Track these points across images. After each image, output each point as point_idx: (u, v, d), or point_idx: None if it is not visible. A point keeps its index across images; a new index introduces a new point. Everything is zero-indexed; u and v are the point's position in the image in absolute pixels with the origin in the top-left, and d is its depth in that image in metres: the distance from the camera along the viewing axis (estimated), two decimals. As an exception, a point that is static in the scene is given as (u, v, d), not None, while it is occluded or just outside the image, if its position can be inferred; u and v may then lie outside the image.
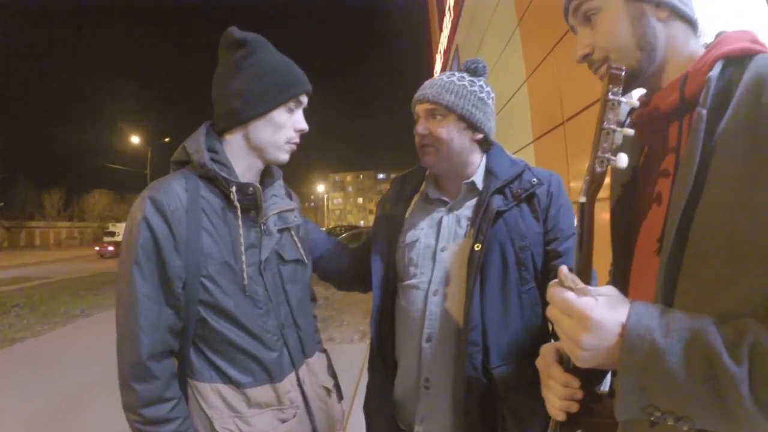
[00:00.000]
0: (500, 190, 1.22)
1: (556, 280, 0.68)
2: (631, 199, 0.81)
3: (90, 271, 19.34)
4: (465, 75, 1.28)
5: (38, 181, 59.66)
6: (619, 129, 0.66)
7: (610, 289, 0.65)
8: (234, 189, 1.06)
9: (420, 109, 1.27)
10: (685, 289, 0.64)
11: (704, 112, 0.63)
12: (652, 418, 0.59)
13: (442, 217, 1.28)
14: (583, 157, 3.46)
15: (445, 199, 1.31)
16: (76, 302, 10.04)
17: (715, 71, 0.65)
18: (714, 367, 0.53)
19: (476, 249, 1.16)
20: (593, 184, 0.69)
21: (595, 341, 0.60)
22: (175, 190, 1.02)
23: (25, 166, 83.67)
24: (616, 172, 0.82)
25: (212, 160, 1.07)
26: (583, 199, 0.70)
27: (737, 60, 0.66)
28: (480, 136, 1.27)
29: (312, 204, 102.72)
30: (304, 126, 1.17)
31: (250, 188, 1.09)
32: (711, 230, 0.61)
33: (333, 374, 1.33)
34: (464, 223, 1.26)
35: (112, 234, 55.28)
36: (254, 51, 1.12)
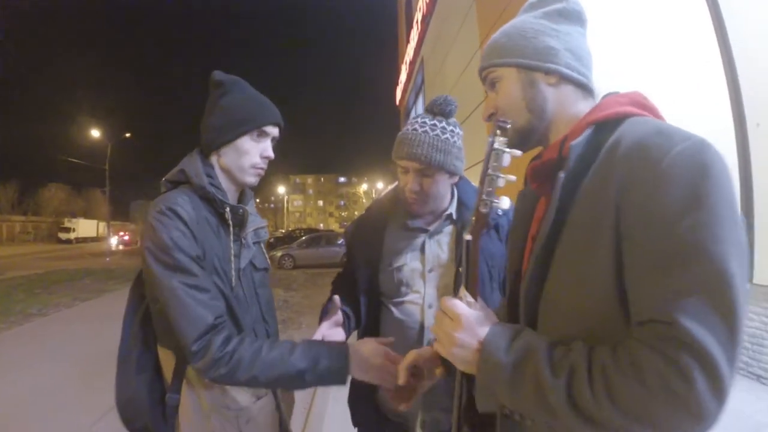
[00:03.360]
0: (483, 226, 1.44)
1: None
2: (525, 233, 0.93)
3: (44, 268, 18.69)
4: (443, 121, 1.39)
5: (-8, 174, 57.12)
6: (502, 176, 0.77)
7: (485, 308, 0.81)
8: (228, 209, 1.27)
9: (410, 166, 1.37)
10: (545, 311, 0.78)
11: (562, 176, 0.74)
12: (506, 413, 0.78)
13: (424, 243, 1.46)
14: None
15: (424, 227, 1.48)
16: (31, 301, 9.77)
17: (581, 138, 0.76)
18: (539, 380, 0.66)
19: (461, 270, 1.38)
20: (478, 222, 0.81)
21: (465, 338, 0.75)
22: (186, 206, 1.18)
23: (-22, 158, 79.60)
24: (518, 213, 0.98)
25: (210, 184, 1.26)
26: (468, 237, 0.84)
27: (611, 122, 0.75)
28: (457, 178, 1.47)
29: (272, 205, 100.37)
30: (269, 154, 1.34)
31: (240, 210, 1.31)
32: (562, 265, 0.74)
33: None
34: (445, 248, 1.46)
35: (68, 230, 53.51)
36: (229, 91, 1.32)
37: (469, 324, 0.77)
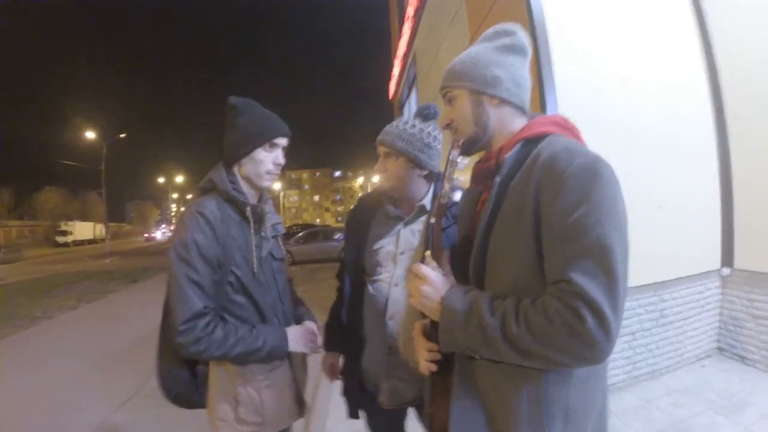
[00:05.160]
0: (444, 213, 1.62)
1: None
2: (471, 220, 1.18)
3: (44, 272, 18.78)
4: (417, 121, 1.63)
5: (-14, 180, 56.85)
6: (457, 178, 1.06)
7: (446, 272, 1.07)
8: (249, 209, 1.51)
9: (380, 149, 1.65)
10: (489, 276, 1.01)
11: (498, 180, 1.00)
12: (461, 350, 0.98)
13: (400, 230, 1.68)
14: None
15: (402, 216, 1.69)
16: (35, 304, 9.89)
17: (513, 152, 1.01)
18: (481, 321, 0.90)
19: (427, 254, 1.55)
20: (440, 210, 1.11)
21: (430, 292, 1.01)
22: (212, 208, 1.44)
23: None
24: (464, 205, 1.23)
25: (233, 189, 1.51)
26: (433, 220, 1.12)
27: (535, 139, 1.01)
28: (425, 172, 1.65)
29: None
30: (280, 161, 1.59)
31: (259, 209, 1.56)
32: (498, 243, 0.98)
33: None
34: (417, 234, 1.66)
35: (65, 233, 53.22)
36: (242, 112, 1.55)
37: (433, 283, 1.03)
